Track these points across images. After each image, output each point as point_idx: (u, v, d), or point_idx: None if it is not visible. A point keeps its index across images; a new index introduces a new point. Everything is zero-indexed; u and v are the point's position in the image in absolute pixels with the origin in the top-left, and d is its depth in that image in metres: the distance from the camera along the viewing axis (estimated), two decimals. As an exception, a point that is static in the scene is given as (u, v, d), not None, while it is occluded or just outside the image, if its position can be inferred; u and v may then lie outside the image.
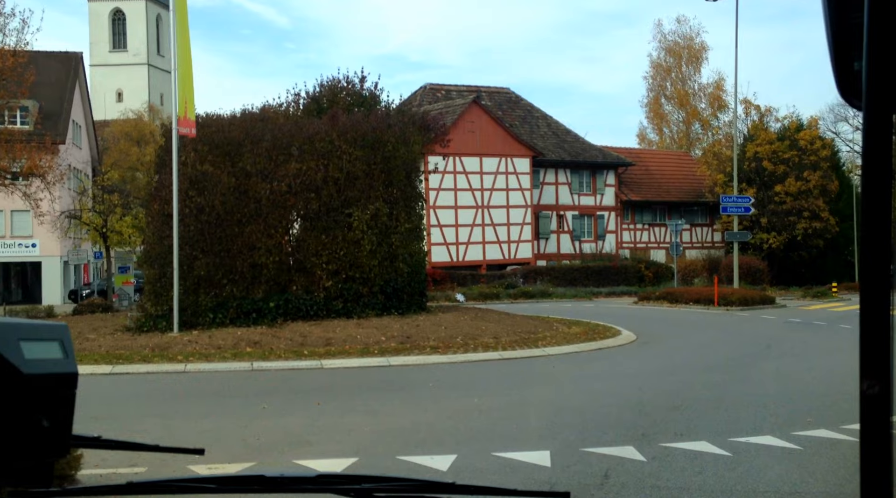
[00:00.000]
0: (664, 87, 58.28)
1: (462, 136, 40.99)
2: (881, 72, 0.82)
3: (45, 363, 1.00)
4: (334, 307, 18.28)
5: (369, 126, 19.10)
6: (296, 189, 17.96)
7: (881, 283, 0.83)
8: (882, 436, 0.84)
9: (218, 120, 18.21)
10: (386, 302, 19.18)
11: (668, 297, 31.39)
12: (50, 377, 1.00)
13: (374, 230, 18.88)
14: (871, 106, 0.83)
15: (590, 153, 46.03)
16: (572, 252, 45.09)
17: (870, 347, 0.83)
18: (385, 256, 19.11)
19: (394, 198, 19.63)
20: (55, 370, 1.01)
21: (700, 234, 49.28)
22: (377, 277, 18.83)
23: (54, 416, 1.00)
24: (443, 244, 40.67)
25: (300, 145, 18.13)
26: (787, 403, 11.11)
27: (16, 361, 0.95)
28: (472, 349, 16.39)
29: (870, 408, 0.84)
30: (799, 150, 44.45)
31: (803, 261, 45.88)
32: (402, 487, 1.19)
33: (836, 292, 36.51)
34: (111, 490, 1.17)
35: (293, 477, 1.18)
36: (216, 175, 17.30)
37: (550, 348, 17.09)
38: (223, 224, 17.40)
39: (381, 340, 16.61)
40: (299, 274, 17.97)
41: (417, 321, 18.45)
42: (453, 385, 12.72)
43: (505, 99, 47.11)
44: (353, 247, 18.47)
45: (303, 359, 14.91)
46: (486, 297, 35.57)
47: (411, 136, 20.32)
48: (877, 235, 0.83)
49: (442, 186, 40.46)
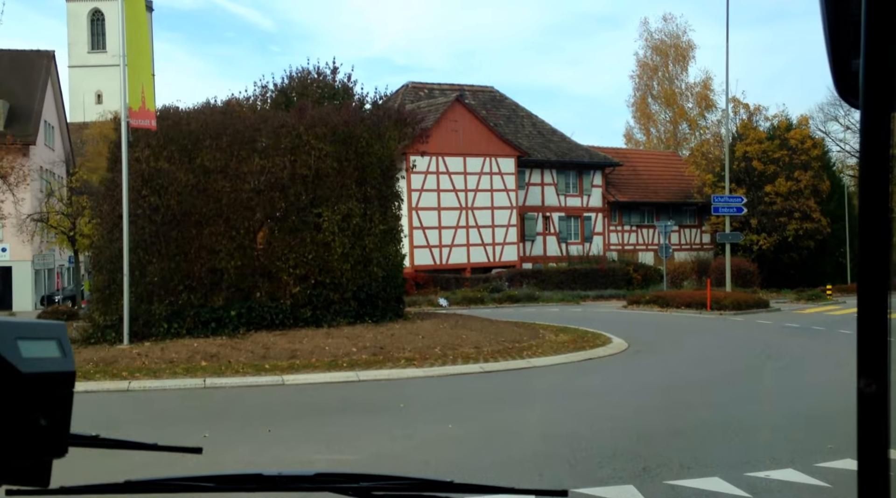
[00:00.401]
0: (651, 87, 57.09)
1: (445, 135, 39.60)
2: (879, 70, 0.81)
3: (43, 362, 0.98)
4: (302, 315, 16.81)
5: (340, 119, 17.65)
6: (260, 187, 16.49)
7: (879, 282, 0.83)
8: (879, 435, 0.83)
9: (175, 113, 16.70)
10: (359, 309, 17.72)
11: (659, 300, 30.08)
12: (48, 376, 0.99)
13: (345, 232, 17.43)
14: (869, 105, 0.82)
15: (576, 153, 44.74)
16: (559, 254, 43.77)
17: (867, 345, 0.83)
18: (358, 259, 17.66)
19: (368, 197, 18.19)
20: (53, 369, 1.00)
21: (689, 235, 48.08)
22: (349, 282, 17.38)
23: (52, 415, 0.99)
24: (426, 247, 39.25)
25: (264, 140, 16.66)
26: (801, 425, 9.73)
27: (13, 359, 0.94)
28: (451, 361, 14.97)
29: (867, 407, 0.83)
30: (789, 150, 43.33)
31: (793, 262, 44.75)
32: (400, 486, 1.19)
33: (830, 295, 35.33)
34: (109, 488, 1.18)
35: (291, 476, 1.17)
36: (172, 172, 15.81)
37: (536, 359, 15.69)
38: (180, 225, 15.91)
39: (352, 351, 15.16)
40: (264, 280, 16.49)
41: (393, 330, 17.01)
42: (427, 405, 11.29)
43: (489, 98, 45.76)
44: (322, 250, 17.01)
45: (263, 374, 13.44)
46: (471, 301, 34.18)
47: (387, 131, 18.90)
48: (875, 235, 0.82)
49: (424, 187, 39.05)
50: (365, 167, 18.12)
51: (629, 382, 13.57)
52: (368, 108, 19.81)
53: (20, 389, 0.95)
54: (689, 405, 11.27)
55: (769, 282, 42.51)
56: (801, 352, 17.25)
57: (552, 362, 15.57)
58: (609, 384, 13.28)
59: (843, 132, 50.68)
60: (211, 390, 12.50)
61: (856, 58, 0.87)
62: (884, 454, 0.84)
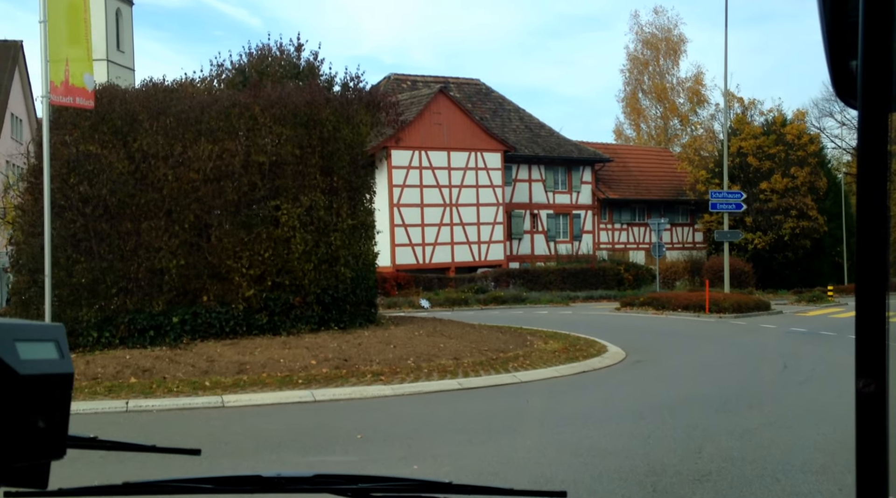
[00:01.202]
0: (641, 82, 55.02)
1: (428, 128, 37.46)
2: (877, 71, 0.81)
3: (41, 364, 0.98)
4: (257, 322, 14.62)
5: (302, 100, 15.46)
6: (208, 175, 14.28)
7: (877, 282, 0.83)
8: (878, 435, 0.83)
9: (110, 89, 14.47)
10: (324, 314, 15.55)
11: (654, 303, 28.04)
12: (46, 378, 0.98)
13: (308, 227, 15.25)
14: (866, 105, 0.82)
15: (565, 148, 42.67)
16: (547, 253, 41.70)
17: (866, 345, 0.83)
18: (323, 258, 15.49)
19: (335, 188, 16.01)
20: (51, 371, 0.99)
21: (681, 234, 46.12)
22: (312, 283, 15.20)
23: (50, 416, 0.98)
24: (408, 245, 37.10)
25: (214, 122, 14.46)
26: (846, 459, 7.67)
27: (11, 361, 0.94)
28: (425, 376, 12.84)
29: (865, 407, 0.83)
30: (785, 145, 41.44)
31: (789, 262, 42.91)
32: (398, 487, 1.19)
33: (831, 296, 33.44)
34: (107, 490, 1.18)
35: (290, 477, 1.17)
36: (105, 158, 13.59)
37: (524, 372, 13.59)
38: (114, 219, 13.71)
39: (311, 364, 13.02)
40: (212, 281, 14.28)
41: (361, 338, 14.88)
42: (390, 435, 9.14)
43: (475, 91, 43.64)
44: (281, 247, 14.83)
45: (201, 393, 11.26)
46: (454, 302, 32.07)
47: (357, 115, 16.73)
48: (873, 234, 0.82)
49: (406, 183, 36.91)
50: (331, 154, 15.95)
51: (632, 402, 11.48)
52: (338, 90, 17.59)
53: (18, 391, 0.94)
54: (707, 434, 9.19)
55: (764, 282, 40.66)
56: (817, 362, 15.20)
57: (542, 376, 13.47)
58: (610, 405, 11.17)
59: (839, 128, 48.87)
60: (133, 416, 10.32)
61: (854, 59, 0.87)
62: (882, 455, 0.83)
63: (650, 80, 54.67)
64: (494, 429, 9.53)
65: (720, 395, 11.75)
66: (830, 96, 50.13)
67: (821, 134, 46.92)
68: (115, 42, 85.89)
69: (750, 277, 39.64)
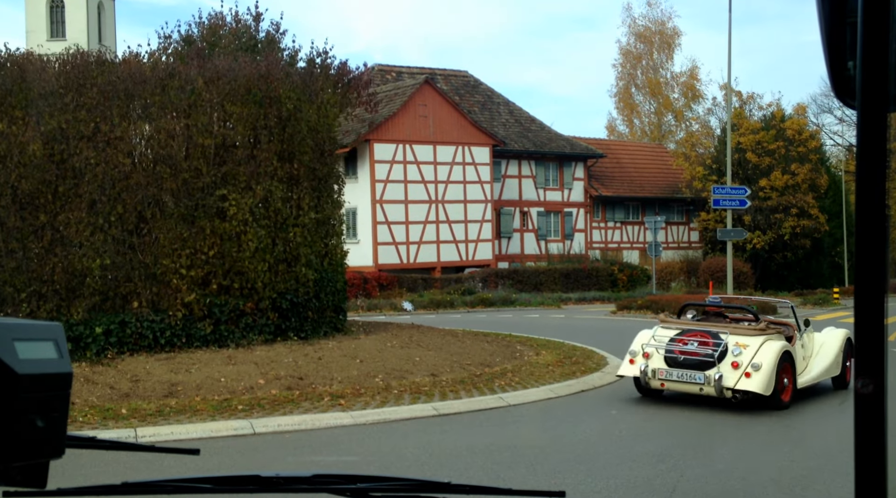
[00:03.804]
0: (634, 76, 52.80)
1: (413, 121, 35.16)
2: (875, 72, 0.81)
3: (40, 363, 0.97)
4: (199, 333, 12.27)
5: (257, 74, 13.15)
6: (141, 160, 11.98)
7: (876, 282, 0.82)
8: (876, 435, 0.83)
9: (23, 58, 12.13)
10: (281, 323, 13.23)
11: (652, 306, 25.81)
12: (45, 377, 0.97)
13: (262, 221, 12.94)
14: (865, 105, 0.82)
15: (556, 143, 40.43)
16: (537, 253, 39.45)
17: (864, 345, 0.82)
18: (280, 257, 13.18)
19: (295, 176, 13.71)
20: (50, 370, 0.98)
21: (676, 233, 43.96)
22: (267, 287, 12.88)
23: (49, 416, 0.98)
24: (391, 244, 34.80)
25: (149, 97, 12.13)
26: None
27: (10, 361, 0.93)
28: (395, 398, 10.57)
29: (864, 407, 0.82)
30: (786, 141, 39.33)
31: (787, 263, 40.83)
32: (398, 487, 1.18)
33: (837, 299, 31.33)
34: (106, 490, 1.17)
35: (289, 477, 1.16)
36: (14, 137, 11.25)
37: (512, 392, 11.32)
38: (25, 210, 11.36)
39: (258, 384, 10.73)
40: (145, 284, 11.93)
41: (323, 350, 12.60)
42: (336, 491, 6.94)
43: (462, 83, 41.35)
44: (229, 244, 12.50)
45: (112, 425, 8.91)
46: (439, 305, 29.79)
47: (323, 94, 14.45)
48: (872, 235, 0.81)
49: (390, 178, 34.60)
50: (291, 138, 13.64)
51: (645, 433, 9.24)
52: (302, 66, 15.28)
53: (17, 391, 0.93)
54: (754, 483, 7.00)
55: (763, 283, 38.57)
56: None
57: (533, 397, 11.20)
58: (618, 439, 8.91)
59: (839, 125, 46.79)
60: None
61: (852, 59, 0.87)
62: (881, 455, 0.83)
63: (643, 75, 52.46)
64: (472, 474, 7.28)
65: (754, 424, 9.53)
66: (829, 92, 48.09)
67: (820, 130, 44.82)
68: (98, 36, 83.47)
69: (749, 278, 37.59)
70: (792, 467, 7.71)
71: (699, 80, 51.15)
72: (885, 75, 0.80)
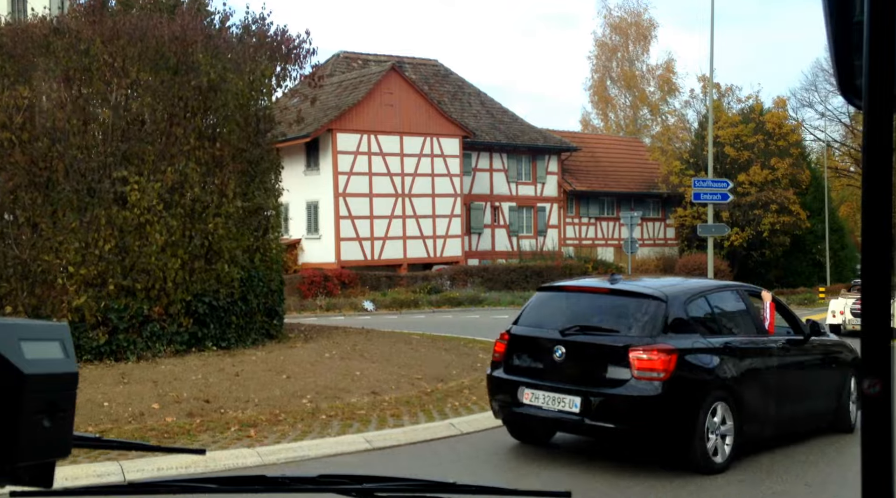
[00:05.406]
0: (609, 69, 50.97)
1: (378, 110, 32.99)
2: (882, 69, 0.81)
3: (46, 363, 0.96)
4: (90, 344, 10.02)
5: (170, 35, 10.97)
6: (18, 134, 9.78)
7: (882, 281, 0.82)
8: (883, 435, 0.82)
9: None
10: (197, 330, 11.04)
11: (629, 306, 23.91)
12: (51, 377, 0.97)
13: (173, 209, 10.75)
14: (872, 105, 0.81)
15: (529, 136, 38.45)
16: (509, 249, 37.48)
17: (871, 346, 0.82)
18: (197, 252, 11.00)
19: (218, 158, 11.53)
20: (56, 370, 0.98)
21: (652, 229, 42.20)
22: (179, 288, 10.69)
23: (55, 416, 0.98)
24: (354, 239, 32.63)
25: (27, 58, 9.91)
26: None
27: (16, 360, 0.93)
28: (321, 426, 8.47)
29: (871, 407, 0.82)
30: (765, 135, 37.70)
31: (766, 260, 39.29)
32: (404, 487, 1.18)
33: (823, 298, 29.70)
34: (112, 490, 1.17)
35: (294, 477, 1.16)
36: None
37: (467, 417, 9.26)
38: None
39: (152, 409, 8.59)
40: (22, 285, 9.69)
41: (245, 363, 10.47)
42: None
43: (432, 72, 39.23)
44: (131, 237, 10.31)
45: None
46: (402, 304, 27.72)
47: (254, 63, 12.31)
48: (878, 234, 0.81)
49: (354, 170, 32.42)
50: (214, 112, 11.50)
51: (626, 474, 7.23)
52: (237, 32, 13.10)
53: (24, 391, 0.94)
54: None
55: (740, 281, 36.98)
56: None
57: (493, 422, 9.14)
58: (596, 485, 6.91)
59: (820, 119, 45.27)
60: None
61: (859, 58, 0.87)
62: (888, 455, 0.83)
63: (619, 67, 50.65)
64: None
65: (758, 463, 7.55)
66: (810, 85, 46.64)
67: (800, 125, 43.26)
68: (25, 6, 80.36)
69: (726, 276, 35.92)
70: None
71: (675, 73, 49.47)
72: (892, 74, 0.80)
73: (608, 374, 6.65)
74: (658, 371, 6.37)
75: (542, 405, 6.95)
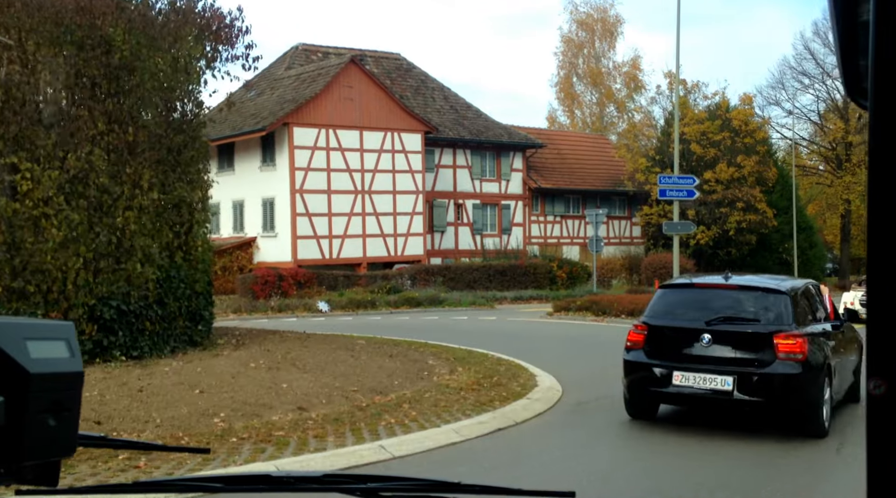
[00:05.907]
0: (576, 65, 50.12)
1: (337, 104, 31.74)
2: (888, 70, 0.80)
3: (52, 362, 0.96)
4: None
5: (74, 5, 9.68)
6: None
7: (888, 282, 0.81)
8: (889, 436, 0.81)
9: None
10: (103, 338, 9.76)
11: (593, 307, 22.95)
12: (56, 376, 0.97)
13: (76, 201, 9.50)
14: (878, 105, 0.81)
15: (494, 132, 37.43)
16: (473, 248, 36.42)
17: (877, 346, 0.81)
18: (103, 250, 9.73)
19: (131, 145, 10.27)
20: (61, 369, 0.97)
21: (618, 228, 41.40)
22: (81, 290, 9.41)
23: (61, 415, 0.97)
24: (312, 237, 31.35)
25: None
26: None
27: (22, 360, 0.93)
28: (230, 451, 7.26)
29: (876, 408, 0.81)
30: (731, 132, 37.06)
31: (732, 259, 38.65)
32: (408, 487, 1.19)
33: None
34: (118, 489, 1.18)
35: (299, 476, 1.17)
36: None
37: (401, 436, 8.10)
38: None
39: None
40: None
41: (154, 376, 9.22)
42: None
43: (394, 66, 38.03)
44: (23, 232, 9.01)
45: None
46: (359, 305, 26.47)
47: (178, 41, 11.04)
48: (883, 235, 0.80)
49: (311, 166, 31.15)
50: (128, 93, 10.21)
51: None
52: (164, 8, 11.79)
53: (29, 390, 0.93)
54: None
55: (707, 280, 36.24)
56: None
57: (430, 444, 7.95)
58: None
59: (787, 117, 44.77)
60: None
61: (865, 59, 0.86)
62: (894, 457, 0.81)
63: (585, 64, 49.80)
64: None
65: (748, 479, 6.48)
66: (776, 83, 46.17)
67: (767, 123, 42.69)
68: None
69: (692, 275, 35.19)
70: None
71: (641, 70, 48.78)
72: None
73: (755, 356, 7.74)
74: (797, 353, 7.56)
75: (693, 385, 7.84)
